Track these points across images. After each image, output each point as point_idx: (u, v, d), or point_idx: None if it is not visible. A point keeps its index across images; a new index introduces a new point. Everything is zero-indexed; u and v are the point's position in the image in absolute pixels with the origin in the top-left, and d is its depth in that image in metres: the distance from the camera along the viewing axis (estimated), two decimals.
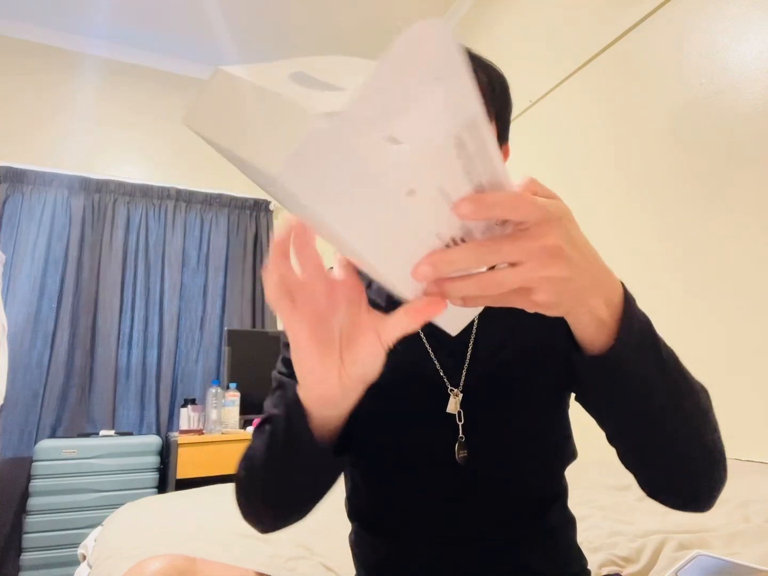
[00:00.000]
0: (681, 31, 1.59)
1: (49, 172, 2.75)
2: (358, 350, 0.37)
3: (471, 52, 0.60)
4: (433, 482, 0.60)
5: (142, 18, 2.84)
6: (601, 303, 0.37)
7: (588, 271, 0.34)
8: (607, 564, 0.83)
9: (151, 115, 3.11)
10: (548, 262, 0.31)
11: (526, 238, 0.31)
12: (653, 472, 0.48)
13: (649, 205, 1.66)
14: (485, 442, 0.59)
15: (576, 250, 0.32)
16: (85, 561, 1.08)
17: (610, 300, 0.38)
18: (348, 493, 0.68)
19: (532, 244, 0.31)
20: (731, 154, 1.41)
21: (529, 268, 0.31)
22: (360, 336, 0.36)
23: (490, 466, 0.59)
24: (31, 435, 2.46)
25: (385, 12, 2.85)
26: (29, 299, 2.58)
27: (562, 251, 0.31)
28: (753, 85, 1.37)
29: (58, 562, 2.11)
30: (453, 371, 0.61)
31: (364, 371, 0.38)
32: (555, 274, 0.32)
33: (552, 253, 0.31)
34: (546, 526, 0.61)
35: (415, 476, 0.60)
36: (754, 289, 1.33)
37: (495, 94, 0.60)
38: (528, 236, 0.31)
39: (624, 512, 1.10)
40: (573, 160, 1.98)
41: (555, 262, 0.31)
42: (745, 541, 0.86)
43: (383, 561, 0.63)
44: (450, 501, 0.59)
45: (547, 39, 2.17)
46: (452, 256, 0.30)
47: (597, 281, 0.35)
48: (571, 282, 0.33)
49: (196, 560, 0.60)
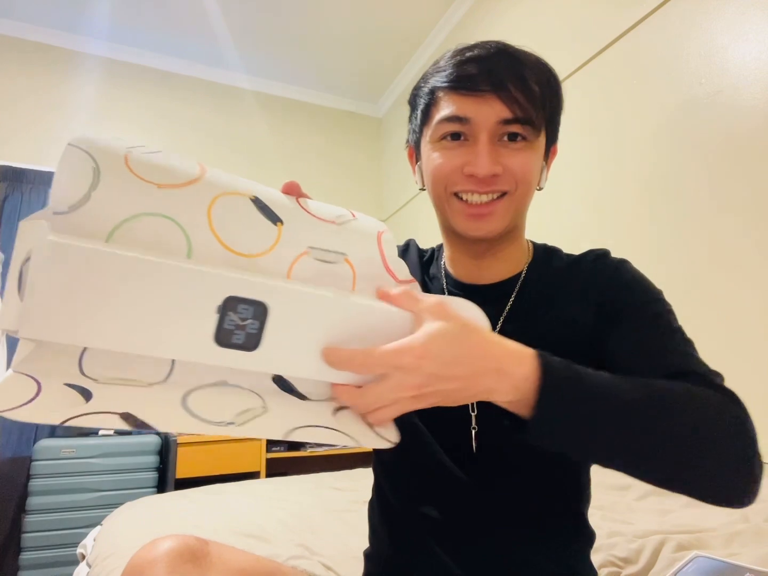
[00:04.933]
0: (681, 31, 1.59)
1: (48, 171, 2.74)
2: None
3: (519, 55, 0.58)
4: (445, 469, 0.60)
5: (142, 18, 2.83)
6: (503, 393, 0.40)
7: (463, 388, 0.39)
8: (606, 564, 0.83)
9: (150, 114, 3.11)
10: (416, 402, 0.39)
11: (388, 387, 0.38)
12: (670, 486, 0.46)
13: (649, 205, 1.66)
14: (498, 434, 0.57)
15: (438, 381, 0.38)
16: (85, 560, 1.08)
17: (513, 388, 0.40)
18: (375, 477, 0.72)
19: (393, 395, 0.38)
20: (731, 153, 1.41)
21: (403, 405, 0.39)
22: None
23: (501, 459, 0.59)
24: (30, 434, 2.46)
25: (386, 12, 2.84)
26: None
27: (422, 393, 0.38)
28: (752, 85, 1.37)
29: (57, 561, 2.11)
30: None
31: None
32: (429, 405, 0.40)
33: (416, 398, 0.38)
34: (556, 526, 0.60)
35: (429, 461, 0.61)
36: (753, 288, 1.33)
37: (546, 102, 0.59)
38: (388, 385, 0.38)
39: (623, 512, 1.10)
40: (573, 160, 1.98)
41: (421, 402, 0.39)
42: (744, 542, 0.86)
43: (393, 552, 0.63)
44: (458, 488, 0.59)
45: (546, 39, 2.17)
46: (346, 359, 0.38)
47: (480, 387, 0.39)
48: (450, 400, 0.40)
49: (209, 542, 0.60)
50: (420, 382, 0.37)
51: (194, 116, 3.23)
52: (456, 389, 0.38)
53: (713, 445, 0.42)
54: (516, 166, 0.57)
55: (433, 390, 0.38)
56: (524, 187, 0.59)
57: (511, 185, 0.58)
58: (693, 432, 0.42)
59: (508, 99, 0.55)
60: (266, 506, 1.27)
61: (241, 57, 3.18)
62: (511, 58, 0.57)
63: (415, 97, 0.65)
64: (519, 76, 0.56)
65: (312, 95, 3.60)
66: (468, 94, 0.56)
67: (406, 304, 0.41)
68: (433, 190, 0.62)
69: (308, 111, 3.61)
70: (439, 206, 0.63)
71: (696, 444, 0.42)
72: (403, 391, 0.38)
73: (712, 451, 0.43)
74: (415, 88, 0.65)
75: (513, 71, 0.56)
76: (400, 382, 0.37)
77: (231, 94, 3.36)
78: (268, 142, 3.41)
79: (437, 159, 0.59)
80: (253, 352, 0.34)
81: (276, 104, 3.50)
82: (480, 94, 0.56)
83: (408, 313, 0.40)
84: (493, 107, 0.56)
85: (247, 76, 3.36)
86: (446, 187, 0.59)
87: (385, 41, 3.08)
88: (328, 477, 1.68)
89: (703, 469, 0.43)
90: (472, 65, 0.57)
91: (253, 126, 3.39)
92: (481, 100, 0.56)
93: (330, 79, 3.46)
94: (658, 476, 0.45)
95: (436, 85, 0.60)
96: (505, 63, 0.57)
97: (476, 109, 0.56)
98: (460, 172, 0.57)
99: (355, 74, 3.41)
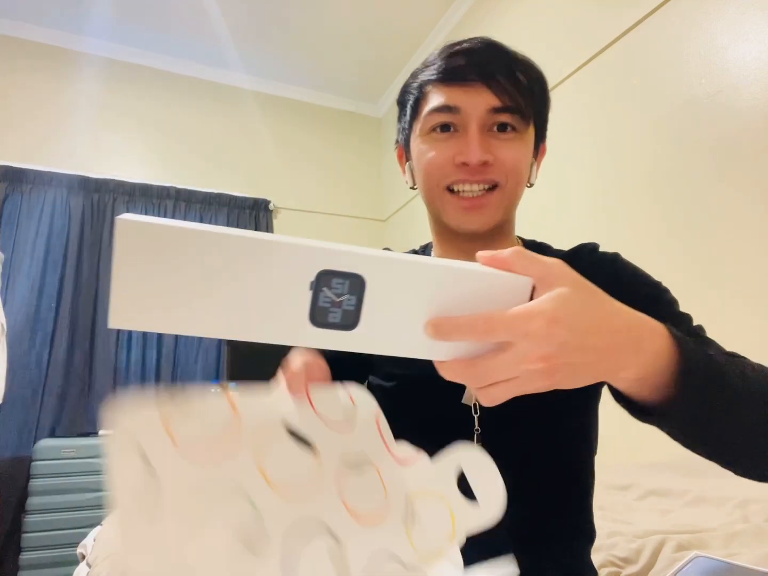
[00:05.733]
0: (681, 31, 1.59)
1: (48, 171, 2.74)
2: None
3: (506, 50, 0.60)
4: None
5: (142, 18, 2.83)
6: (633, 370, 0.35)
7: (596, 361, 0.33)
8: (606, 564, 0.83)
9: (150, 114, 3.11)
10: (539, 378, 0.32)
11: (509, 358, 0.31)
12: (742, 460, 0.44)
13: (648, 204, 1.66)
14: (501, 435, 0.58)
15: (569, 352, 0.31)
16: (85, 560, 1.08)
17: (645, 364, 0.35)
18: None
19: (517, 367, 0.31)
20: (730, 153, 1.41)
21: (523, 381, 0.32)
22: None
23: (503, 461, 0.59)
24: (31, 434, 2.46)
25: (386, 12, 2.84)
26: (28, 299, 2.58)
27: (550, 366, 0.31)
28: (752, 85, 1.37)
29: (57, 561, 2.11)
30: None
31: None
32: (551, 386, 0.32)
33: (541, 372, 0.31)
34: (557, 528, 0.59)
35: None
36: (753, 288, 1.33)
37: (535, 95, 0.60)
38: (512, 355, 0.31)
39: (623, 512, 1.10)
40: (573, 160, 1.98)
41: (547, 377, 0.32)
42: (744, 542, 0.86)
43: None
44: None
45: (546, 39, 2.17)
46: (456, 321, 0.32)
47: (613, 363, 0.34)
48: (576, 378, 0.33)
49: None
50: (550, 352, 0.31)
51: (194, 116, 3.23)
52: (587, 363, 0.33)
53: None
54: (506, 156, 0.58)
55: (563, 362, 0.31)
56: (514, 179, 0.59)
57: (502, 176, 0.58)
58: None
59: (497, 88, 0.56)
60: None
61: (241, 57, 3.18)
62: (499, 51, 0.59)
63: (405, 94, 0.65)
64: (507, 67, 0.58)
65: (312, 95, 3.60)
66: (457, 85, 0.57)
67: (522, 267, 0.33)
68: (425, 185, 0.62)
69: (308, 111, 3.61)
70: (431, 202, 0.63)
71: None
72: (529, 363, 0.31)
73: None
74: (404, 86, 0.66)
75: (501, 63, 0.58)
76: (527, 351, 0.31)
77: (231, 94, 3.36)
78: (268, 141, 3.41)
79: (428, 152, 0.60)
80: (351, 332, 0.31)
81: (276, 104, 3.50)
82: (469, 84, 0.57)
83: (527, 278, 0.33)
84: (482, 96, 0.56)
85: (247, 76, 3.36)
86: (439, 181, 0.59)
87: (385, 41, 3.08)
88: None
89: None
90: (461, 57, 0.58)
91: (252, 126, 3.39)
92: (471, 90, 0.57)
93: (330, 79, 3.46)
94: (756, 462, 0.43)
95: (425, 79, 0.61)
96: (493, 55, 0.58)
97: (466, 98, 0.57)
98: (451, 163, 0.58)
99: (355, 74, 3.41)
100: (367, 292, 0.31)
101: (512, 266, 0.33)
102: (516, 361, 0.31)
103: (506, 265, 0.33)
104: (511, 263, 0.33)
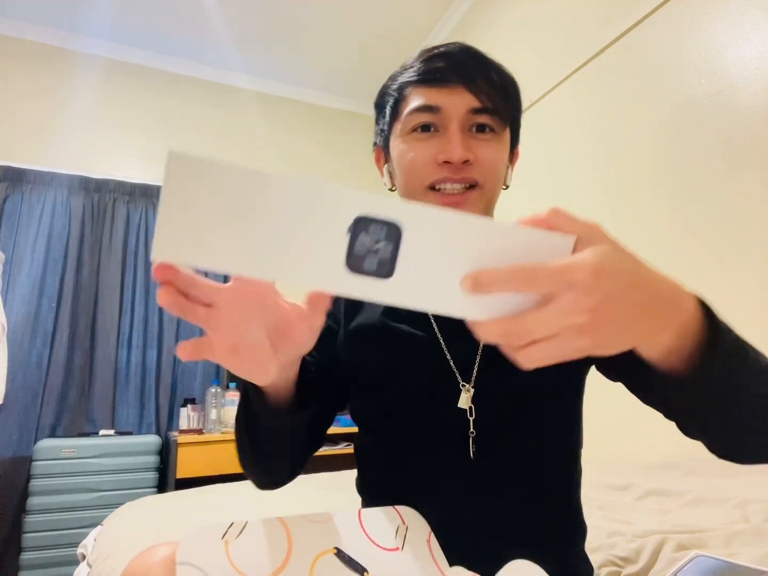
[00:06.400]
0: (681, 31, 1.59)
1: (48, 171, 2.75)
2: (292, 341, 0.40)
3: (482, 54, 0.62)
4: (443, 474, 0.60)
5: (142, 18, 2.83)
6: (670, 335, 0.35)
7: (638, 321, 0.32)
8: (606, 564, 0.83)
9: (150, 114, 3.11)
10: (581, 335, 0.30)
11: (553, 309, 0.30)
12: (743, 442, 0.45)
13: (649, 205, 1.66)
14: (496, 439, 0.59)
15: (614, 306, 0.30)
16: (85, 560, 1.08)
17: (681, 328, 0.35)
18: (362, 472, 0.70)
19: (560, 321, 0.30)
20: (731, 153, 1.41)
21: (565, 339, 0.31)
22: (289, 329, 0.39)
23: (499, 464, 0.59)
24: (31, 434, 2.46)
25: (386, 12, 2.84)
26: (29, 299, 2.58)
27: (594, 320, 0.30)
28: (752, 85, 1.37)
29: (57, 561, 2.11)
30: (465, 366, 0.62)
31: (299, 351, 0.42)
32: (592, 346, 0.31)
33: (584, 328, 0.30)
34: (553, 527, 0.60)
35: (426, 466, 0.61)
36: (753, 287, 1.33)
37: (510, 98, 0.62)
38: (555, 308, 0.30)
39: (623, 512, 1.10)
40: (573, 160, 1.98)
41: (590, 334, 0.30)
42: (744, 542, 0.86)
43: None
44: (457, 493, 0.59)
45: (546, 39, 2.17)
46: (496, 273, 0.31)
47: (655, 322, 0.33)
48: (618, 339, 0.32)
49: None
50: (594, 304, 0.30)
51: (194, 116, 3.23)
52: (629, 322, 0.32)
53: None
54: (485, 156, 0.59)
55: (607, 318, 0.30)
56: (492, 179, 0.61)
57: (481, 176, 0.59)
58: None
59: (477, 90, 0.58)
60: (267, 506, 1.27)
61: (241, 57, 3.18)
62: (476, 55, 0.61)
63: (383, 96, 0.66)
64: (485, 70, 0.60)
65: (312, 95, 3.60)
66: (438, 86, 0.59)
67: (563, 224, 0.32)
68: (407, 185, 0.62)
69: (308, 110, 3.61)
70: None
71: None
72: (574, 315, 0.30)
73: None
74: (382, 88, 0.67)
75: (479, 66, 0.60)
76: (571, 302, 0.30)
77: (231, 94, 3.36)
78: (268, 141, 3.42)
79: (409, 152, 0.60)
80: (386, 281, 0.31)
81: (276, 104, 3.50)
82: (449, 85, 0.58)
83: (570, 236, 0.32)
84: (462, 97, 0.58)
85: (247, 76, 3.36)
86: (422, 180, 0.60)
87: (385, 41, 3.08)
88: (328, 477, 1.68)
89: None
90: (440, 60, 0.60)
91: (252, 125, 3.39)
92: (451, 91, 0.58)
93: (330, 78, 3.46)
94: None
95: (404, 81, 0.62)
96: (471, 58, 0.60)
97: (446, 99, 0.58)
98: (434, 162, 0.59)
99: (355, 74, 3.41)
100: (404, 242, 0.31)
101: (553, 226, 0.32)
102: (560, 312, 0.30)
103: (547, 224, 0.32)
104: (553, 223, 0.32)
